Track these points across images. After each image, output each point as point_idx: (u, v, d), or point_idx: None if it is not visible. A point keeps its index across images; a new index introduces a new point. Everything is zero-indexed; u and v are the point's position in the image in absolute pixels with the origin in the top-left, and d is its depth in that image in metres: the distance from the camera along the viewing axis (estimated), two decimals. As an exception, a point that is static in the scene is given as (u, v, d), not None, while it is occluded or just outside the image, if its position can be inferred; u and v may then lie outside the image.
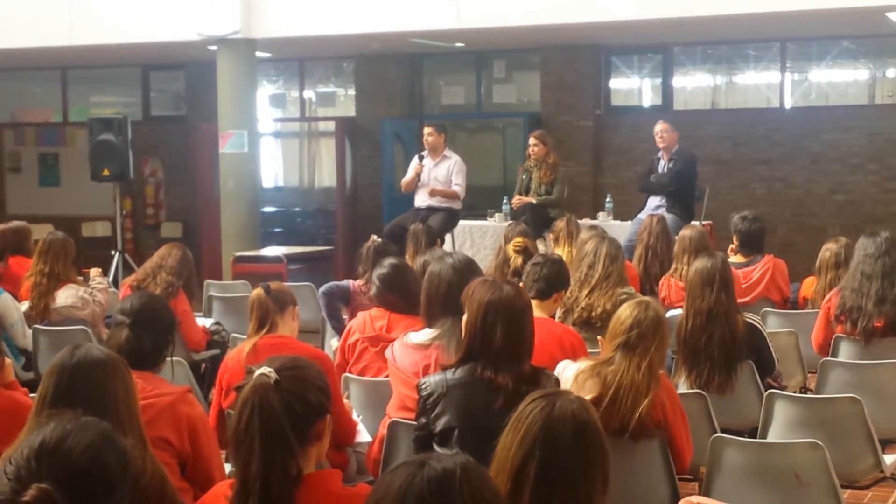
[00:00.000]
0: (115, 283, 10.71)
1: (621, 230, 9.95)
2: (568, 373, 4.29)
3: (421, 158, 10.94)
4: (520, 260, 6.64)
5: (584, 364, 4.26)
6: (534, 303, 4.99)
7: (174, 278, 6.98)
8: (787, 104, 13.72)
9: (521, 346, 3.87)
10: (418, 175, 10.88)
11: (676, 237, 7.59)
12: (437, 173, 10.90)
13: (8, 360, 4.55)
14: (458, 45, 13.65)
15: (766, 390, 5.08)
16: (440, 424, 3.90)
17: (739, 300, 5.88)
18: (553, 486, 2.48)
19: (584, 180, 13.69)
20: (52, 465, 1.93)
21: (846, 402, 4.78)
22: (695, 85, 14.79)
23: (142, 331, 4.09)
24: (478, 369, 3.85)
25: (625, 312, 4.21)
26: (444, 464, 2.08)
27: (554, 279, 5.37)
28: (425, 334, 4.59)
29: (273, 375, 2.78)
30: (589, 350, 5.04)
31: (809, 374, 6.32)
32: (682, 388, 5.23)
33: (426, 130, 11.00)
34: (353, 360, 5.42)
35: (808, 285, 7.36)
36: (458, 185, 10.89)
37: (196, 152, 15.18)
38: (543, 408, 2.55)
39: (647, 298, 4.49)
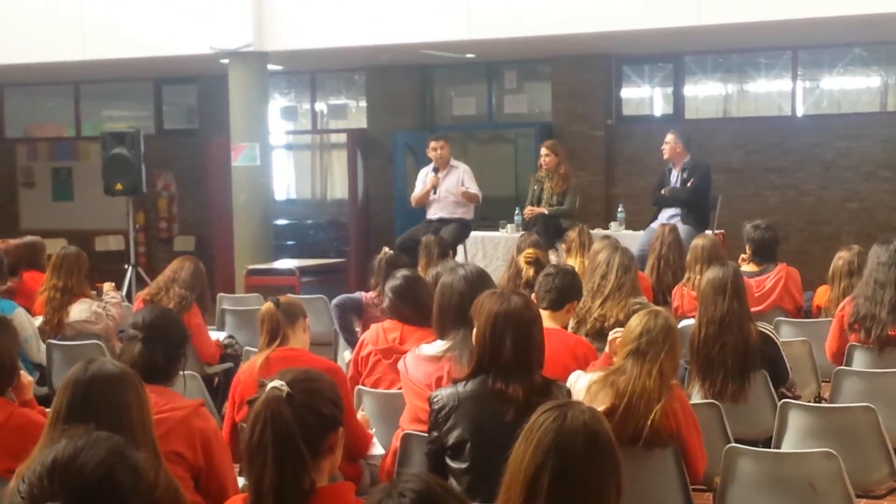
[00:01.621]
0: (129, 297, 10.73)
1: (633, 240, 9.91)
2: (580, 384, 4.29)
3: (436, 171, 10.92)
4: (532, 271, 6.63)
5: (596, 375, 4.26)
6: (546, 314, 5.00)
7: (187, 292, 6.99)
8: (799, 112, 13.69)
9: (530, 357, 3.87)
10: (434, 188, 10.85)
11: (689, 247, 7.57)
12: (447, 184, 10.89)
13: (29, 378, 4.56)
14: (469, 55, 13.67)
15: (779, 400, 5.06)
16: (452, 438, 3.89)
17: (752, 309, 5.87)
18: (566, 496, 2.48)
19: (595, 190, 13.68)
20: (65, 482, 1.93)
21: (860, 411, 4.76)
22: (706, 94, 14.76)
23: (154, 345, 4.10)
24: (489, 382, 3.85)
25: (634, 321, 4.24)
26: (413, 485, 2.14)
27: (566, 290, 5.36)
28: (438, 346, 4.59)
29: (285, 389, 2.78)
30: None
31: (823, 384, 6.30)
32: (696, 397, 5.22)
33: (437, 144, 10.87)
34: (367, 373, 5.42)
35: (822, 294, 7.33)
36: (474, 189, 10.91)
37: (208, 165, 15.23)
38: (555, 419, 2.56)
39: (658, 308, 4.49)
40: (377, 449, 4.81)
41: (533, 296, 5.34)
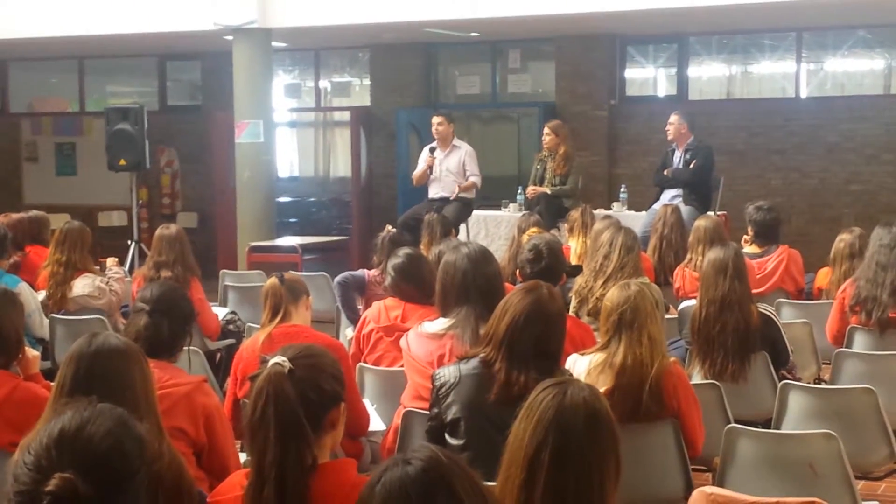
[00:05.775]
0: (132, 272, 10.75)
1: (636, 220, 9.91)
2: (579, 367, 4.30)
3: (432, 151, 10.90)
4: (534, 251, 6.63)
5: (596, 357, 4.28)
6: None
7: (179, 270, 7.03)
8: (803, 94, 13.66)
9: (548, 352, 3.89)
10: (430, 168, 10.84)
11: (692, 228, 7.57)
12: (448, 164, 10.87)
13: (34, 353, 4.58)
14: (473, 34, 13.64)
15: (780, 381, 5.08)
16: (450, 415, 3.91)
17: (754, 291, 5.88)
18: (567, 473, 2.50)
19: (598, 170, 13.67)
20: (74, 453, 1.94)
21: (860, 392, 4.77)
22: (710, 75, 14.73)
23: (160, 318, 4.13)
24: (494, 364, 3.84)
25: (610, 297, 4.33)
26: (419, 454, 2.15)
27: (557, 267, 5.41)
28: (440, 324, 4.60)
29: (287, 364, 2.79)
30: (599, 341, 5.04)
31: (824, 365, 6.32)
32: (697, 378, 5.23)
33: (436, 120, 10.87)
34: (368, 350, 5.43)
35: (823, 276, 7.34)
36: (474, 175, 10.86)
37: (212, 142, 15.22)
38: (555, 395, 2.57)
39: (626, 281, 4.53)
40: (378, 426, 4.82)
41: (517, 272, 5.38)
